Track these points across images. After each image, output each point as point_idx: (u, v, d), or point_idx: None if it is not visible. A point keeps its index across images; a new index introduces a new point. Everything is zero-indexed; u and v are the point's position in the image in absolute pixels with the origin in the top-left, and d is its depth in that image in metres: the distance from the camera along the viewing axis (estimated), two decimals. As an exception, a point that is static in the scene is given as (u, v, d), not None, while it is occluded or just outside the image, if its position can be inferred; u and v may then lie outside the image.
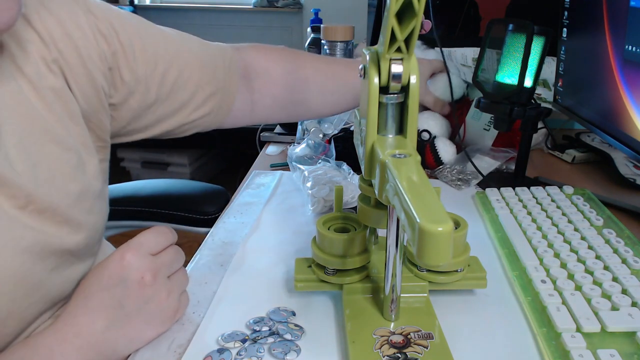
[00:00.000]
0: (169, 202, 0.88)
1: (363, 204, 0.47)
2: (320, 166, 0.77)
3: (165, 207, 0.88)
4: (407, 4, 0.34)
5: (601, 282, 0.49)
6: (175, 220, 0.88)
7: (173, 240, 0.47)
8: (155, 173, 2.55)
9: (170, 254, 0.46)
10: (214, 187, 0.94)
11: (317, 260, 0.49)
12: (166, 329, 0.46)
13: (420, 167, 0.36)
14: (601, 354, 0.41)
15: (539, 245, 0.56)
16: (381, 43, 0.37)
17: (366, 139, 0.41)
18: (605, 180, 0.82)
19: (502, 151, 0.86)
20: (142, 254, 0.43)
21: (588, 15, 0.75)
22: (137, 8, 3.25)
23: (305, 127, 0.89)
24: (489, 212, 0.67)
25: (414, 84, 0.39)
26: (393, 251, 0.42)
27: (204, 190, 0.94)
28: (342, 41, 1.08)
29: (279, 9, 3.17)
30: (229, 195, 0.88)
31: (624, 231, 0.60)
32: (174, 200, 0.90)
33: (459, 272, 0.50)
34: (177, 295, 0.46)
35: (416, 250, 0.30)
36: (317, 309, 0.50)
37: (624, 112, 0.67)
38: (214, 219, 0.87)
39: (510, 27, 0.70)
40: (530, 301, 0.49)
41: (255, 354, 0.43)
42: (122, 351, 0.43)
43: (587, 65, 0.77)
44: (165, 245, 0.46)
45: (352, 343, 0.43)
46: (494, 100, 0.72)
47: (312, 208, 0.69)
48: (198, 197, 0.91)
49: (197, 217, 0.87)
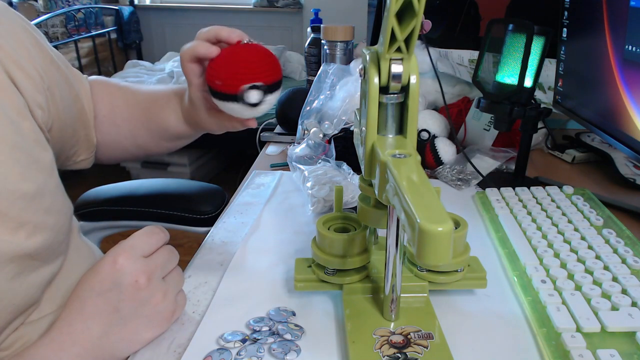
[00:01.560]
0: (165, 202, 0.88)
1: (363, 204, 0.47)
2: (320, 166, 0.77)
3: (162, 207, 0.88)
4: (407, 4, 0.34)
5: (601, 282, 0.49)
6: (172, 220, 0.87)
7: (165, 240, 0.46)
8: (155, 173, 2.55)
9: (163, 254, 0.45)
10: (211, 187, 0.94)
11: (317, 260, 0.49)
12: (164, 330, 0.46)
13: (420, 167, 0.36)
14: (601, 354, 0.41)
15: (538, 245, 0.56)
16: (381, 43, 0.37)
17: (366, 139, 0.41)
18: (605, 180, 0.82)
19: (502, 151, 0.86)
20: (134, 256, 0.43)
21: (588, 15, 0.75)
22: (137, 8, 3.25)
23: (306, 127, 0.89)
24: (489, 212, 0.67)
25: (414, 84, 0.39)
26: (393, 251, 0.42)
27: (201, 190, 0.93)
28: (342, 41, 1.08)
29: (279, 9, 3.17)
30: (226, 194, 0.88)
31: (624, 231, 0.60)
32: (171, 199, 0.90)
33: (459, 272, 0.50)
34: (173, 295, 0.46)
35: (416, 250, 0.30)
36: (317, 309, 0.50)
37: (624, 112, 0.67)
38: (211, 219, 0.87)
39: (510, 27, 0.70)
40: (530, 301, 0.49)
41: (255, 354, 0.43)
42: (120, 354, 0.43)
43: (587, 65, 0.77)
44: (158, 246, 0.45)
45: (352, 343, 0.43)
46: (494, 100, 0.72)
47: (312, 208, 0.69)
48: (195, 197, 0.91)
49: (194, 216, 0.87)
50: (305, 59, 1.22)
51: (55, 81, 0.53)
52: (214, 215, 0.85)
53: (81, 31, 2.73)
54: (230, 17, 3.27)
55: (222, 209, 0.85)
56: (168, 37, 3.39)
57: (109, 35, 2.99)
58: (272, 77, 0.51)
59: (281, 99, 1.04)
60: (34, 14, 2.61)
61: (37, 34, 0.52)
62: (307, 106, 0.93)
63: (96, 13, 2.92)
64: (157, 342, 0.45)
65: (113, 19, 3.05)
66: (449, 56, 0.90)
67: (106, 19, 3.02)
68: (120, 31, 3.08)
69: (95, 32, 2.85)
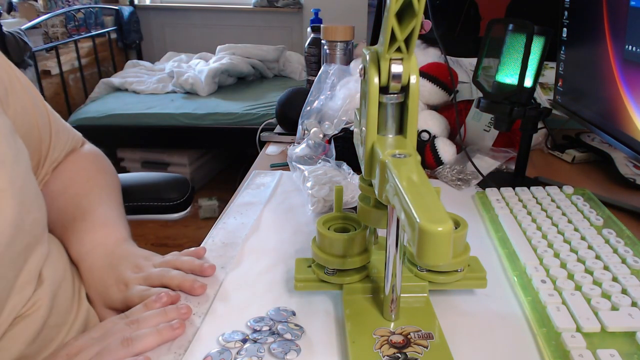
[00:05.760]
0: (131, 194, 0.87)
1: (363, 204, 0.47)
2: (320, 166, 0.77)
3: (130, 200, 0.87)
4: (407, 4, 0.34)
5: (601, 282, 0.49)
6: (140, 210, 0.86)
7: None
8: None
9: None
10: (174, 175, 0.93)
11: (317, 260, 0.49)
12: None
13: (420, 167, 0.36)
14: (601, 354, 0.41)
15: (538, 245, 0.56)
16: (381, 43, 0.37)
17: (366, 139, 0.41)
18: (605, 180, 0.82)
19: (502, 151, 0.86)
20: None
21: (588, 15, 0.75)
22: (137, 8, 3.25)
23: (306, 127, 0.89)
24: (489, 212, 0.67)
25: (414, 84, 0.39)
26: (393, 251, 0.42)
27: (164, 179, 0.93)
28: (342, 41, 1.08)
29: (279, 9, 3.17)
30: (190, 183, 0.89)
31: (624, 231, 0.60)
32: (136, 191, 0.89)
33: (459, 272, 0.50)
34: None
35: (416, 250, 0.30)
36: (317, 309, 0.50)
37: (624, 112, 0.67)
38: (178, 205, 0.86)
39: (510, 27, 0.70)
40: (530, 301, 0.49)
41: (256, 353, 0.43)
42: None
43: (587, 65, 0.77)
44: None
45: (352, 343, 0.43)
46: (494, 100, 0.72)
47: (312, 208, 0.69)
48: (159, 186, 0.90)
49: (161, 204, 0.86)
50: (305, 59, 1.22)
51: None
52: (182, 202, 0.85)
53: (81, 31, 2.73)
54: (231, 17, 3.27)
55: (188, 195, 0.86)
56: (168, 37, 3.39)
57: (109, 35, 2.99)
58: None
59: (281, 99, 1.04)
60: (34, 14, 2.62)
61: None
62: (307, 106, 0.93)
63: (96, 13, 2.92)
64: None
65: (113, 19, 3.05)
66: (460, 62, 0.90)
67: (106, 19, 3.02)
68: (120, 31, 3.09)
69: (95, 32, 2.85)
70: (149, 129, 2.28)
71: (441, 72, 0.90)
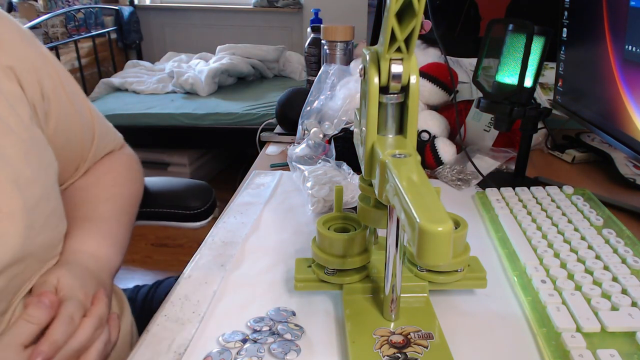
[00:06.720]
0: (152, 200, 0.87)
1: (363, 204, 0.47)
2: (320, 166, 0.77)
3: (151, 206, 0.86)
4: (407, 4, 0.34)
5: (601, 282, 0.49)
6: (161, 217, 0.86)
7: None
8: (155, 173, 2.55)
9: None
10: (199, 183, 0.93)
11: (317, 260, 0.49)
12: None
13: (420, 167, 0.36)
14: (601, 354, 0.41)
15: (538, 245, 0.56)
16: (381, 43, 0.37)
17: (366, 139, 0.41)
18: (605, 180, 0.82)
19: (502, 151, 0.86)
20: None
21: (588, 15, 0.75)
22: (137, 8, 3.25)
23: (306, 127, 0.89)
24: (489, 212, 0.67)
25: (414, 84, 0.39)
26: (393, 251, 0.42)
27: (188, 186, 0.92)
28: (342, 41, 1.08)
29: (279, 9, 3.17)
30: (213, 190, 0.87)
31: (624, 231, 0.60)
32: (159, 197, 0.89)
33: (459, 272, 0.50)
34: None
35: (416, 250, 0.30)
36: (317, 309, 0.50)
37: (624, 112, 0.67)
38: (200, 214, 0.85)
39: (510, 27, 0.70)
40: (530, 301, 0.49)
41: (256, 353, 0.43)
42: None
43: (587, 65, 0.77)
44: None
45: (352, 343, 0.43)
46: (494, 100, 0.72)
47: (312, 208, 0.69)
48: (182, 193, 0.90)
49: (184, 212, 0.86)
50: (305, 59, 1.22)
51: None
52: (203, 211, 0.84)
53: (81, 31, 2.73)
54: (231, 17, 3.27)
55: (210, 204, 0.84)
56: (168, 37, 3.39)
57: (109, 35, 2.99)
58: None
59: (281, 99, 1.04)
60: (34, 14, 2.61)
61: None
62: (307, 106, 0.93)
63: (96, 13, 2.92)
64: (157, 342, 0.45)
65: (113, 19, 3.05)
66: (460, 63, 0.90)
67: (106, 19, 3.02)
68: (120, 31, 3.09)
69: (95, 32, 2.85)
70: (149, 129, 2.28)
71: (441, 72, 0.90)
